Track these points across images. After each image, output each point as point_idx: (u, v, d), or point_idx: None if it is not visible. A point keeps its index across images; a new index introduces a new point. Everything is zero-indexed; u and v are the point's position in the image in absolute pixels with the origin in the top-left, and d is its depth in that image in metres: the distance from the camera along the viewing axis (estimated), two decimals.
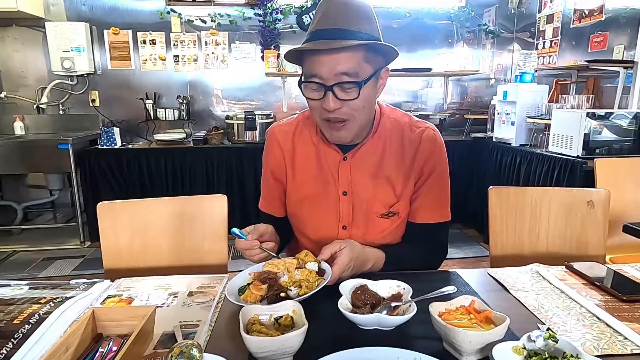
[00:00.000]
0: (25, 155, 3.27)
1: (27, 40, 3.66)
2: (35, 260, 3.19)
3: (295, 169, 1.12)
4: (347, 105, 0.94)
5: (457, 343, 0.67)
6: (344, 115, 0.96)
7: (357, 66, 0.92)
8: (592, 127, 2.45)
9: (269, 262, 0.93)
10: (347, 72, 0.91)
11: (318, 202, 1.10)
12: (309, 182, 1.10)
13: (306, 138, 1.12)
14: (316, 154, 1.10)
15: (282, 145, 1.13)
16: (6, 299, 0.86)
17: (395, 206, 1.07)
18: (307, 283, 0.86)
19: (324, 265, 0.92)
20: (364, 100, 0.96)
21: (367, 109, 0.99)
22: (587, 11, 3.12)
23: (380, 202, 1.07)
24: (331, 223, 1.10)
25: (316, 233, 1.12)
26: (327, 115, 0.96)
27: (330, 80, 0.92)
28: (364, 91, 0.94)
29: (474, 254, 3.27)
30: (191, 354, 0.61)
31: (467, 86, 4.26)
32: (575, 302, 0.88)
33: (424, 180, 1.08)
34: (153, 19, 3.72)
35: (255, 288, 0.85)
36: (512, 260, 1.28)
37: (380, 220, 1.08)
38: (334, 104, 0.93)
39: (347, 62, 0.90)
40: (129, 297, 0.93)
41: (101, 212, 1.26)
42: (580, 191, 1.33)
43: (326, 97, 0.93)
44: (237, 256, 3.17)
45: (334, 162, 1.08)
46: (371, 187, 1.06)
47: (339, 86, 0.92)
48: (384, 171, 1.07)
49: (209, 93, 3.94)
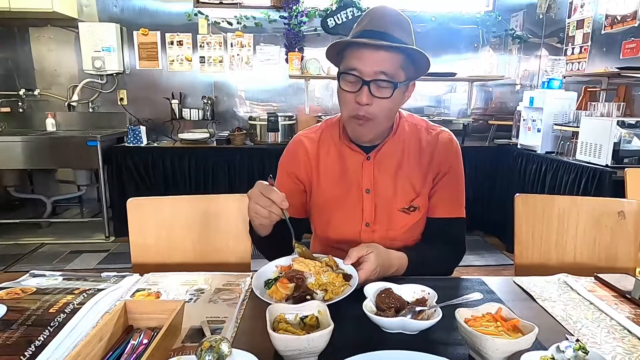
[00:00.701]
0: (55, 151, 3.38)
1: (61, 39, 3.79)
2: (63, 253, 3.29)
3: (320, 174, 1.16)
4: (377, 103, 0.99)
5: (483, 350, 0.67)
6: (370, 114, 1.00)
7: (394, 69, 0.98)
8: (622, 136, 2.39)
9: (298, 259, 0.93)
10: (385, 71, 0.97)
11: (342, 202, 1.13)
12: (333, 185, 1.14)
13: (330, 143, 1.17)
14: (340, 157, 1.14)
15: (309, 151, 1.17)
16: (42, 288, 0.90)
17: (415, 201, 1.11)
18: (332, 287, 0.87)
19: (350, 270, 0.92)
20: (393, 103, 1.01)
21: (392, 113, 1.06)
22: (619, 17, 3.04)
23: (401, 197, 1.11)
24: (354, 221, 1.12)
25: (339, 232, 1.14)
26: (356, 111, 1.01)
27: (368, 75, 0.97)
28: (395, 94, 0.99)
29: (496, 262, 3.21)
30: (220, 348, 0.62)
31: (492, 92, 4.20)
32: (605, 315, 0.86)
33: (440, 178, 1.12)
34: (181, 20, 3.80)
35: (282, 286, 0.86)
36: (538, 270, 1.26)
37: (401, 215, 1.11)
38: (367, 98, 0.98)
39: (387, 62, 0.97)
40: (157, 292, 0.95)
41: (130, 208, 1.30)
42: (611, 201, 1.30)
43: (361, 91, 0.98)
44: (259, 255, 3.20)
45: (358, 162, 1.13)
46: (392, 184, 1.11)
47: (375, 83, 0.97)
48: (404, 169, 1.12)
49: (233, 94, 4.00)
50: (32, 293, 0.87)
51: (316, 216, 1.19)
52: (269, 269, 0.96)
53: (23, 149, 3.31)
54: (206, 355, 0.61)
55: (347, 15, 3.76)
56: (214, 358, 0.61)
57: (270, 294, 0.87)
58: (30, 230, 3.68)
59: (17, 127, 3.82)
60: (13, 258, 3.17)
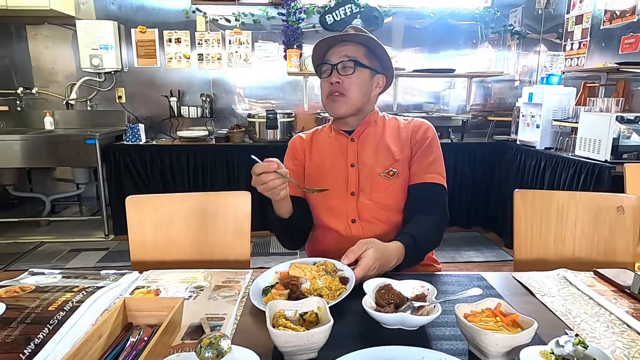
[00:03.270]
0: (54, 150, 3.37)
1: (58, 37, 3.77)
2: (62, 251, 3.29)
3: (312, 152, 1.34)
4: (346, 80, 1.20)
5: (483, 345, 0.67)
6: (341, 89, 1.20)
7: (357, 54, 1.20)
8: (621, 131, 2.39)
9: (295, 264, 0.95)
10: (348, 55, 1.19)
11: (330, 176, 1.27)
12: (324, 161, 1.30)
13: (323, 134, 1.37)
14: (329, 142, 1.33)
15: (304, 139, 1.37)
16: (41, 286, 0.89)
17: (394, 165, 1.24)
18: (328, 292, 0.87)
19: (348, 273, 0.93)
20: (360, 80, 1.21)
21: (361, 91, 1.23)
22: (618, 12, 3.03)
23: (381, 164, 1.24)
24: (341, 191, 1.25)
25: (328, 203, 1.26)
26: (330, 89, 1.21)
27: (335, 61, 1.20)
28: (360, 73, 1.20)
29: (495, 257, 3.21)
30: (220, 345, 0.62)
31: (491, 88, 4.19)
32: (605, 309, 0.86)
33: (418, 148, 1.25)
34: (179, 18, 3.79)
35: (276, 292, 0.87)
36: (537, 265, 1.26)
37: (382, 180, 1.23)
38: (336, 77, 1.20)
39: (349, 50, 1.20)
40: (156, 289, 0.95)
41: (129, 206, 1.30)
42: (610, 196, 1.30)
43: (332, 73, 1.20)
44: (258, 253, 3.22)
45: (344, 143, 1.29)
46: (373, 156, 1.26)
47: (341, 64, 1.20)
48: (384, 143, 1.27)
49: (231, 91, 3.99)
50: (31, 291, 0.87)
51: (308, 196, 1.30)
52: (269, 275, 0.97)
53: (21, 148, 3.30)
54: (206, 352, 0.61)
55: (346, 12, 3.75)
56: (214, 354, 0.61)
57: (266, 301, 0.87)
58: (30, 229, 3.68)
59: (15, 125, 3.81)
60: (12, 257, 3.17)
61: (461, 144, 3.70)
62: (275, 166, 0.96)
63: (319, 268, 0.95)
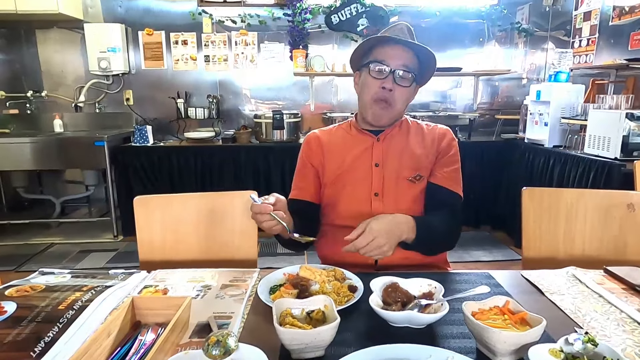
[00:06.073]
0: (63, 152, 3.40)
1: (67, 41, 3.81)
2: (72, 253, 3.32)
3: (331, 150, 1.30)
4: (398, 91, 1.18)
5: (491, 343, 0.66)
6: (391, 99, 1.18)
7: (413, 65, 1.18)
8: (631, 129, 2.36)
9: (305, 266, 0.95)
10: (407, 65, 1.17)
11: (351, 177, 1.25)
12: (342, 163, 1.26)
13: (342, 132, 1.34)
14: (351, 140, 1.29)
15: (320, 138, 1.33)
16: (51, 285, 0.90)
17: (420, 170, 1.24)
18: (336, 297, 0.87)
19: (356, 281, 0.94)
20: (408, 94, 1.21)
21: (405, 104, 1.23)
22: (627, 8, 3.00)
23: (407, 168, 1.23)
24: (364, 192, 1.22)
25: (349, 204, 1.23)
26: (379, 94, 1.18)
27: (394, 66, 1.16)
28: (411, 87, 1.20)
29: (504, 257, 3.19)
30: (227, 343, 0.62)
31: (498, 86, 4.16)
32: (615, 307, 0.85)
33: (443, 156, 1.26)
34: (185, 20, 3.81)
35: (285, 291, 0.87)
36: (546, 263, 1.25)
37: (408, 184, 1.22)
38: (390, 84, 1.16)
39: (408, 59, 1.17)
40: (164, 288, 0.96)
41: (137, 206, 1.31)
42: (620, 194, 1.29)
43: (387, 78, 1.16)
44: (265, 253, 3.22)
45: (368, 143, 1.27)
46: (398, 158, 1.24)
47: (402, 73, 1.16)
48: (409, 147, 1.26)
49: (238, 92, 4.01)
50: (41, 290, 0.88)
51: (327, 195, 1.27)
52: (277, 275, 0.98)
53: (32, 150, 3.34)
54: (213, 350, 0.61)
55: (351, 12, 3.75)
56: (221, 352, 0.61)
57: (274, 298, 0.87)
58: (40, 231, 3.72)
59: (25, 128, 3.85)
60: (23, 258, 3.20)
61: (469, 143, 3.67)
62: (270, 208, 0.96)
63: (329, 273, 0.96)
